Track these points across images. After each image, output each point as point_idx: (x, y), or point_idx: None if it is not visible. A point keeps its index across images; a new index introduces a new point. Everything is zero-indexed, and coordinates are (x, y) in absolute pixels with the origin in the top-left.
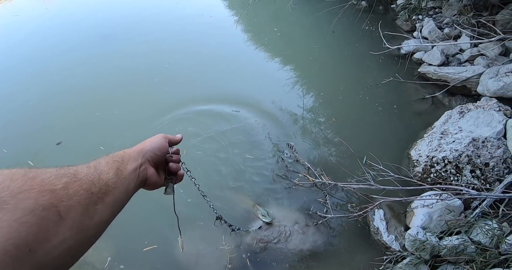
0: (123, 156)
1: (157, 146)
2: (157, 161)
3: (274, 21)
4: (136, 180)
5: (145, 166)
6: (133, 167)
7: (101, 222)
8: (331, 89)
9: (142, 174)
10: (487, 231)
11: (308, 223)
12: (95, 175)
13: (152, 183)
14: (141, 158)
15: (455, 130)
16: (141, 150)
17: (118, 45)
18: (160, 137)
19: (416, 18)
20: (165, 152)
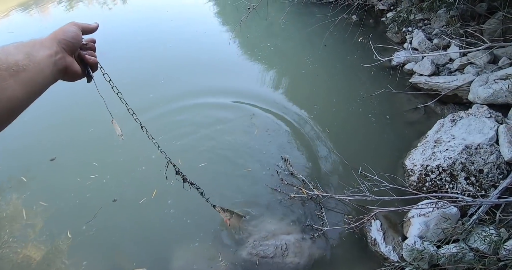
0: (34, 43)
1: (71, 35)
2: (73, 49)
3: (267, 36)
4: (53, 68)
5: (62, 55)
6: (47, 54)
7: (15, 98)
8: (324, 102)
9: (59, 63)
10: (485, 238)
11: (305, 237)
12: (2, 55)
13: (72, 72)
14: (56, 46)
15: (448, 138)
16: (54, 38)
17: (112, 62)
18: (71, 25)
19: (406, 30)
20: (79, 41)
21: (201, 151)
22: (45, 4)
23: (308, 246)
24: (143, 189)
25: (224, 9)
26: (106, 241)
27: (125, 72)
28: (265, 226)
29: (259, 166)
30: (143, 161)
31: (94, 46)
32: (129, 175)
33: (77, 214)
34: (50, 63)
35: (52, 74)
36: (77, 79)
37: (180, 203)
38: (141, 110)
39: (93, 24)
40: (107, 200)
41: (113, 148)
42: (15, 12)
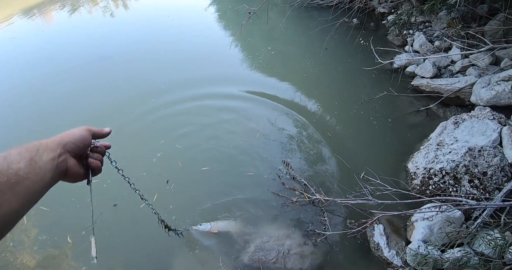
0: (38, 146)
1: (80, 138)
2: (78, 152)
3: (268, 40)
4: (54, 171)
5: (65, 157)
6: (51, 157)
7: (10, 212)
8: (325, 105)
9: (61, 165)
10: (490, 242)
11: (307, 241)
12: (4, 165)
13: (73, 175)
14: (60, 149)
15: (451, 140)
16: (61, 140)
17: (114, 67)
18: (82, 129)
19: (407, 32)
20: (88, 144)
21: (203, 154)
22: (47, 10)
23: (310, 251)
24: (144, 194)
25: (225, 13)
26: (105, 247)
27: (126, 76)
28: (266, 231)
29: (260, 170)
30: (143, 166)
31: (103, 150)
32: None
33: (77, 219)
34: (52, 167)
35: (52, 178)
36: (77, 180)
37: (180, 208)
38: (142, 115)
39: (106, 129)
40: (107, 205)
41: (114, 153)
42: (18, 18)
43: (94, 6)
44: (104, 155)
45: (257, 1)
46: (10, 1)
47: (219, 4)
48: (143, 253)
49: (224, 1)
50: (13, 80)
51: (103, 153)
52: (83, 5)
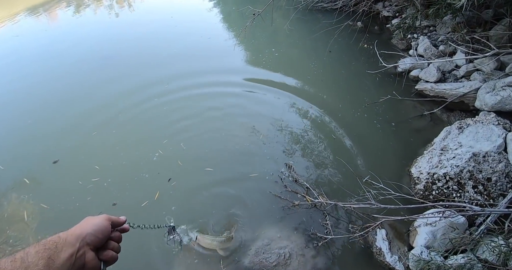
0: (57, 242)
1: (100, 229)
2: (98, 245)
3: (272, 42)
4: (72, 268)
5: (83, 251)
6: (69, 253)
7: None
8: (329, 107)
9: (79, 261)
10: (494, 248)
11: (308, 245)
12: (20, 268)
13: (89, 268)
14: (79, 243)
15: (455, 145)
16: (81, 233)
17: (117, 67)
18: (102, 218)
19: (411, 36)
20: (108, 235)
21: (206, 155)
22: (52, 9)
23: (312, 254)
24: (144, 194)
25: (229, 15)
26: None
27: (130, 77)
28: (268, 233)
29: (263, 173)
30: (144, 165)
31: (120, 236)
32: (130, 179)
33: (77, 217)
34: (70, 265)
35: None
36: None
37: (182, 209)
38: (146, 117)
39: (122, 218)
40: (107, 204)
41: (115, 152)
42: (23, 16)
43: (99, 6)
44: (120, 241)
45: (262, 3)
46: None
47: (224, 6)
48: (141, 254)
49: (229, 3)
50: (14, 76)
51: (119, 240)
52: (88, 4)
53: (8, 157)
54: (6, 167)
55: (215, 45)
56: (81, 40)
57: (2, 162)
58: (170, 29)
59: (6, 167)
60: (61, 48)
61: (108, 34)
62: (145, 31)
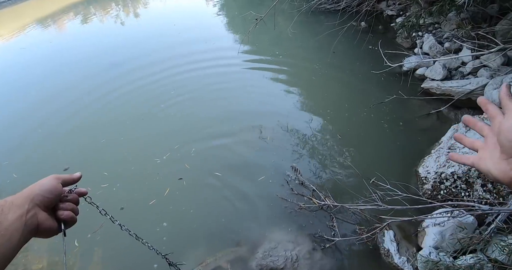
0: (2, 206)
1: (48, 189)
2: (49, 205)
3: (276, 45)
4: (23, 229)
5: (34, 212)
6: (18, 215)
7: None
8: (335, 107)
9: (30, 221)
10: (504, 248)
11: (315, 247)
12: None
13: (45, 230)
14: (28, 204)
15: None
16: (29, 194)
17: (124, 74)
18: (50, 178)
19: (416, 34)
20: (58, 194)
21: (214, 159)
22: (61, 20)
23: (319, 257)
24: (152, 197)
25: (233, 20)
26: (111, 252)
27: (135, 83)
28: (274, 236)
29: (269, 176)
30: (153, 170)
31: (76, 197)
32: (139, 183)
33: (86, 223)
34: (21, 225)
35: (23, 236)
36: (52, 235)
37: (189, 211)
38: (156, 123)
39: (76, 174)
40: (115, 208)
41: (124, 158)
42: (32, 28)
43: (105, 15)
44: (77, 203)
45: (265, 7)
46: (26, 12)
47: (227, 11)
48: (147, 258)
49: (232, 8)
50: (17, 89)
51: (76, 201)
52: (94, 13)
53: (21, 166)
54: (19, 175)
55: (220, 50)
56: (86, 50)
57: (16, 171)
58: (174, 34)
59: (19, 175)
60: (69, 57)
61: (112, 43)
62: (150, 38)
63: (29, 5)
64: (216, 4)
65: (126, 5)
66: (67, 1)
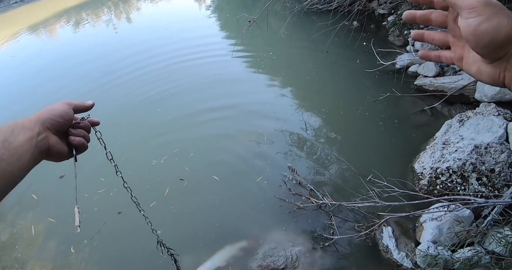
0: (13, 127)
1: (59, 113)
2: (59, 129)
3: (269, 46)
4: (34, 151)
5: (45, 135)
6: (28, 137)
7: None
8: (330, 106)
9: (41, 144)
10: (500, 239)
11: (315, 246)
12: None
13: (56, 153)
14: (39, 127)
15: (457, 139)
16: (38, 118)
17: (118, 79)
18: (62, 103)
19: (408, 32)
20: (69, 119)
21: (210, 161)
22: (52, 26)
23: (319, 256)
24: (150, 199)
25: (225, 22)
26: (108, 258)
27: (131, 89)
28: (274, 237)
29: (266, 176)
30: (151, 174)
31: (87, 125)
32: (137, 187)
33: (83, 228)
34: (31, 147)
35: (33, 157)
36: (63, 159)
37: (188, 213)
38: (150, 125)
39: (89, 102)
40: (113, 212)
41: (121, 163)
42: (23, 35)
43: (97, 20)
44: (89, 131)
45: (257, 8)
46: (18, 19)
47: (220, 14)
48: (146, 261)
49: (224, 11)
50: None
51: (87, 129)
52: (86, 19)
53: None
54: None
55: (213, 53)
56: (81, 55)
57: None
58: (167, 40)
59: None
60: (60, 64)
61: (108, 48)
62: (143, 44)
63: (21, 12)
64: (209, 7)
65: (118, 9)
66: (59, 7)
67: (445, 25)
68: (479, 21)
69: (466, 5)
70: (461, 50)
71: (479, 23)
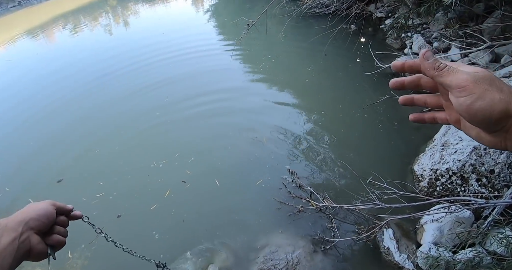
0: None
1: (44, 214)
2: (43, 229)
3: (267, 50)
4: (15, 253)
5: (27, 235)
6: (11, 238)
7: None
8: (330, 109)
9: (23, 245)
10: (501, 240)
11: (316, 249)
12: None
13: (37, 253)
14: (22, 227)
15: (456, 140)
16: (23, 218)
17: (115, 83)
18: (47, 203)
19: (405, 35)
20: (52, 220)
21: (214, 166)
22: (50, 30)
23: (320, 259)
24: (150, 203)
25: (224, 27)
26: (106, 261)
27: (128, 91)
28: (275, 240)
29: (266, 179)
30: (151, 177)
31: (66, 221)
32: (136, 191)
33: (81, 234)
34: (13, 250)
35: (15, 260)
36: (42, 258)
37: (188, 217)
38: (150, 129)
39: (69, 206)
40: (113, 216)
41: (119, 168)
42: (21, 39)
43: (95, 25)
44: (66, 226)
45: (255, 12)
46: (16, 22)
47: (218, 18)
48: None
49: (222, 15)
50: (13, 99)
51: (66, 225)
52: (85, 23)
53: (13, 179)
54: (11, 189)
55: (211, 56)
56: (78, 59)
57: (8, 184)
58: (165, 43)
59: (11, 189)
60: (58, 68)
61: (105, 52)
62: (141, 48)
63: (19, 15)
64: (206, 12)
65: (117, 14)
66: (57, 11)
67: (436, 90)
68: (471, 100)
69: (455, 85)
70: (456, 114)
71: (471, 102)
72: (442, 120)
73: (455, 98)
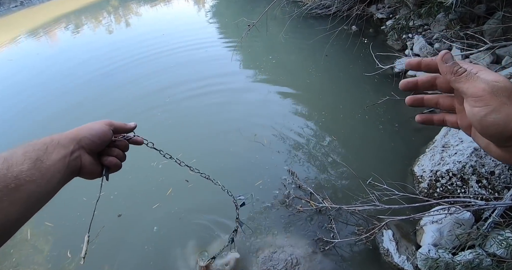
0: (48, 144)
1: (97, 134)
2: (95, 149)
3: (268, 50)
4: (65, 170)
5: (79, 153)
6: (61, 155)
7: (7, 221)
8: (330, 110)
9: (73, 164)
10: (501, 242)
11: (315, 250)
12: (2, 168)
13: (87, 173)
14: (74, 145)
15: (456, 141)
16: (76, 136)
17: (117, 83)
18: (102, 123)
19: (406, 36)
20: (107, 140)
21: (215, 166)
22: (52, 30)
23: (319, 259)
24: (149, 204)
25: (225, 27)
26: (106, 261)
27: (130, 93)
28: (274, 240)
29: (266, 180)
30: (152, 176)
31: (125, 144)
32: (137, 191)
33: (83, 232)
34: (63, 166)
35: (63, 178)
36: (94, 178)
37: (188, 217)
38: (150, 130)
39: (131, 124)
40: (114, 215)
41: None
42: (23, 39)
43: (96, 25)
44: (125, 149)
45: (257, 13)
46: (18, 23)
47: (219, 18)
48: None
49: (224, 15)
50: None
51: (124, 147)
52: (86, 23)
53: None
54: None
55: (212, 56)
56: (81, 59)
57: None
58: (165, 43)
59: None
60: (63, 67)
61: (106, 53)
62: (143, 48)
63: (21, 15)
64: (208, 12)
65: (118, 14)
66: (59, 12)
67: (451, 91)
68: (486, 112)
69: (471, 93)
70: (468, 120)
71: (485, 114)
72: (452, 123)
73: (470, 107)
